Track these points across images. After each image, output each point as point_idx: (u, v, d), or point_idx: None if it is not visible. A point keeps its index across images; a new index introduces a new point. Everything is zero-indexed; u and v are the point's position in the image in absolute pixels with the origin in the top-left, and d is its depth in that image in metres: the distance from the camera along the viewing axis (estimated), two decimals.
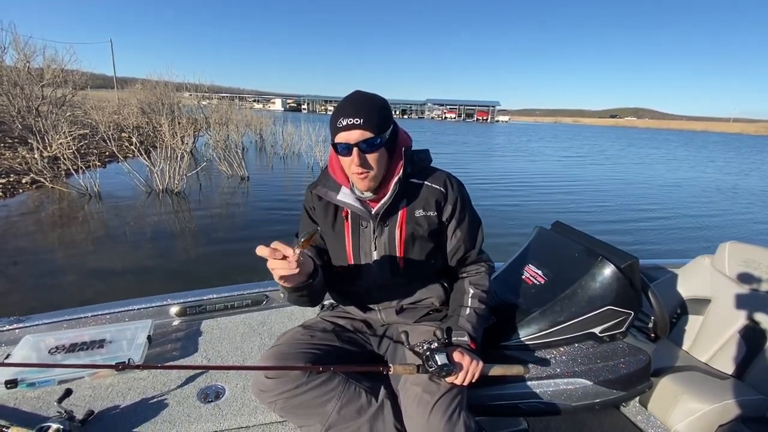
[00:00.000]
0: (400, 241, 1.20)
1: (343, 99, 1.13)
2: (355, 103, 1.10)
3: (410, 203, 1.20)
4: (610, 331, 1.38)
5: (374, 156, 1.10)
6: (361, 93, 1.14)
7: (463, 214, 1.25)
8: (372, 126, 1.06)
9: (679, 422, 1.40)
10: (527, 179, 11.68)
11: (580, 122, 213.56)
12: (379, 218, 1.19)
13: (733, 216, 8.24)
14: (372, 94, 1.15)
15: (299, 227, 1.34)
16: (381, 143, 1.10)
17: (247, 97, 59.84)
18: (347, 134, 1.07)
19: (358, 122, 1.05)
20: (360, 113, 1.06)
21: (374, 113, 1.08)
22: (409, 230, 1.19)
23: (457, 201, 1.23)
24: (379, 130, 1.08)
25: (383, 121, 1.10)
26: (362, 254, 1.23)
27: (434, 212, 1.21)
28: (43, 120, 9.62)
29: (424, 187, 1.21)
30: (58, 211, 6.35)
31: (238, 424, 1.22)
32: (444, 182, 1.23)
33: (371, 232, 1.21)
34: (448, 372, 1.04)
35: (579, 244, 1.51)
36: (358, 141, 1.06)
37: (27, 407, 1.22)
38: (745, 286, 1.64)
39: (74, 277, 4.05)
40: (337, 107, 1.11)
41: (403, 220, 1.19)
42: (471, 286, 1.27)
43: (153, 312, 1.71)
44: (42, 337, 1.47)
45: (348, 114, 1.07)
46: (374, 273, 1.23)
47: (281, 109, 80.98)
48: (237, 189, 8.62)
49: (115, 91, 23.23)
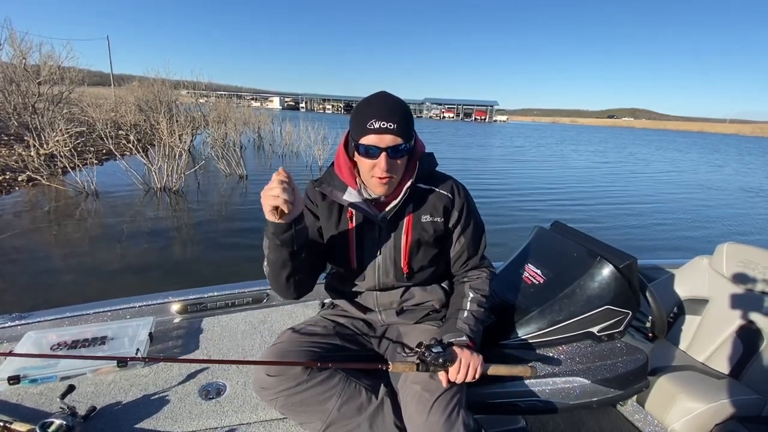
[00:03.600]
0: (405, 246, 1.19)
1: (371, 98, 1.09)
2: (389, 106, 1.06)
3: (417, 208, 1.20)
4: (608, 331, 1.40)
5: (399, 162, 1.09)
6: (389, 95, 1.10)
7: (468, 220, 1.25)
8: (403, 132, 1.04)
9: (675, 421, 1.41)
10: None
11: (578, 122, 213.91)
12: (386, 222, 1.18)
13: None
14: (398, 98, 1.10)
15: None
16: (407, 150, 1.08)
17: (245, 95, 59.67)
18: (378, 138, 1.03)
19: (392, 127, 1.02)
20: (394, 117, 1.03)
21: (405, 119, 1.06)
22: (415, 235, 1.19)
23: (464, 207, 1.23)
24: (408, 137, 1.07)
25: (411, 127, 1.09)
26: (366, 257, 1.22)
27: (441, 218, 1.21)
28: (39, 117, 9.57)
29: (431, 192, 1.21)
30: (55, 209, 6.31)
31: (239, 420, 1.23)
32: (451, 188, 1.23)
33: (377, 236, 1.20)
34: (446, 361, 1.04)
35: (578, 244, 1.52)
36: (389, 146, 1.04)
37: (30, 403, 1.22)
38: (742, 286, 1.66)
39: (71, 275, 4.03)
40: (366, 107, 1.07)
41: (410, 225, 1.19)
42: (471, 290, 1.27)
43: (154, 309, 1.71)
44: (44, 334, 1.47)
45: (382, 117, 1.03)
46: (377, 276, 1.23)
47: (279, 107, 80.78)
48: (236, 188, 8.61)
49: (112, 89, 23.11)
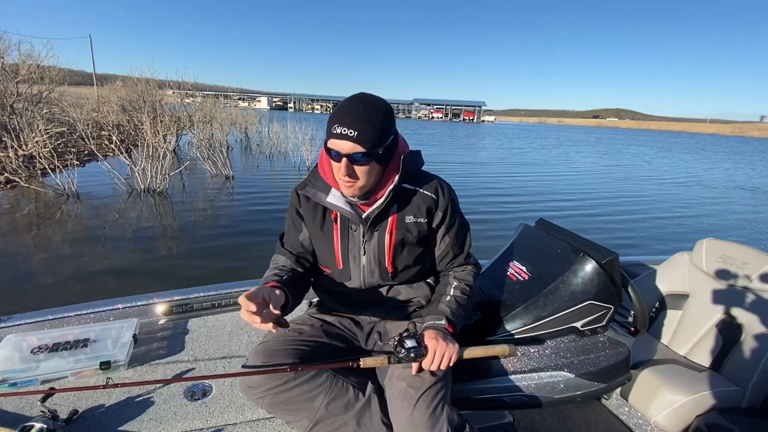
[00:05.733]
0: (389, 247, 1.20)
1: (346, 100, 1.07)
2: (354, 112, 1.03)
3: (401, 209, 1.20)
4: (592, 325, 1.42)
5: (363, 169, 1.06)
6: (363, 100, 1.07)
7: (453, 220, 1.25)
8: (365, 141, 1.02)
9: (658, 413, 1.45)
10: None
11: (565, 122, 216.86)
12: (369, 223, 1.18)
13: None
14: (377, 102, 1.07)
15: (285, 229, 1.33)
16: (371, 159, 1.05)
17: (232, 95, 58.98)
18: (339, 143, 1.02)
19: (352, 134, 1.01)
20: (355, 125, 1.01)
21: (371, 127, 1.02)
22: (399, 236, 1.19)
23: (448, 207, 1.23)
24: (373, 145, 1.03)
25: (380, 135, 1.04)
26: (351, 258, 1.23)
27: (425, 219, 1.21)
28: (18, 117, 9.31)
29: (416, 193, 1.21)
30: (34, 211, 6.16)
31: (225, 421, 1.22)
32: (435, 189, 1.22)
33: (360, 237, 1.21)
34: (417, 354, 1.05)
35: (561, 240, 1.54)
36: (348, 153, 1.03)
37: (9, 407, 1.19)
38: (722, 281, 1.70)
39: (51, 279, 3.93)
40: (337, 109, 1.06)
41: (393, 226, 1.19)
42: (455, 279, 1.28)
43: (139, 311, 1.68)
44: (24, 337, 1.44)
45: (343, 123, 1.02)
46: (362, 276, 1.24)
47: (267, 107, 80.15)
48: (222, 188, 8.51)
49: (95, 88, 22.64)
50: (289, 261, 1.28)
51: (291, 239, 1.30)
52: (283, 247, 1.31)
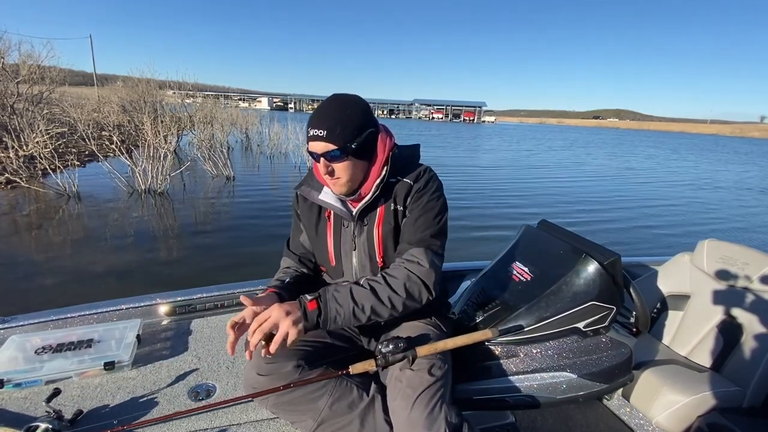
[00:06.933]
0: (378, 240, 1.20)
1: (320, 103, 1.13)
2: (323, 113, 1.08)
3: (387, 201, 1.20)
4: (594, 326, 1.42)
5: (341, 165, 1.09)
6: (333, 101, 1.11)
7: (419, 201, 1.17)
8: (335, 139, 1.06)
9: (659, 414, 1.45)
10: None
11: (565, 123, 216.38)
12: (358, 218, 1.20)
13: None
14: (347, 100, 1.12)
15: (291, 229, 1.36)
16: (346, 155, 1.08)
17: (232, 95, 59.02)
18: (314, 144, 1.08)
19: (321, 134, 1.06)
20: (324, 125, 1.06)
21: (340, 126, 1.06)
22: (385, 228, 1.20)
23: (418, 191, 1.17)
24: (345, 141, 1.06)
25: (351, 132, 1.07)
26: (343, 254, 1.24)
27: (402, 207, 1.18)
28: (18, 118, 9.32)
29: (398, 183, 1.19)
30: (35, 212, 6.17)
31: (229, 421, 1.22)
32: (416, 176, 1.19)
33: (352, 232, 1.22)
34: (399, 351, 1.09)
35: (564, 241, 1.54)
36: (323, 152, 1.07)
37: (14, 407, 1.20)
38: (723, 282, 1.70)
39: (52, 280, 3.94)
40: (312, 112, 1.12)
41: (381, 219, 1.20)
42: (387, 269, 1.16)
43: (142, 311, 1.69)
44: (28, 337, 1.44)
45: (314, 124, 1.07)
46: (355, 272, 1.25)
47: (267, 107, 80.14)
48: (222, 189, 8.52)
49: (95, 88, 22.64)
50: (293, 262, 1.30)
51: (294, 240, 1.35)
52: (288, 248, 1.35)
